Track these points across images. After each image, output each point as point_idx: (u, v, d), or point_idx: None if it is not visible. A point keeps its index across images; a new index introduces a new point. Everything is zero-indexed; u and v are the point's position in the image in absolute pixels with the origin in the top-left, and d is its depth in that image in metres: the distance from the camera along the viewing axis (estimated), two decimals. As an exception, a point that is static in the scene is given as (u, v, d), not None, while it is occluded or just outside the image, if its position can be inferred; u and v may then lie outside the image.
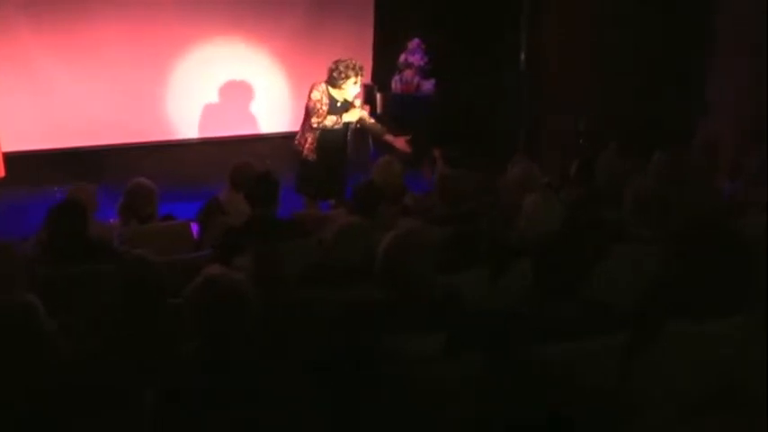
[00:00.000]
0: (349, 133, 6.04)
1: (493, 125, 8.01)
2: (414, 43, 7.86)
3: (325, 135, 5.89)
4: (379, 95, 7.88)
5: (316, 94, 5.83)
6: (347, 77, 5.77)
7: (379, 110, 7.77)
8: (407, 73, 7.90)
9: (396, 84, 7.94)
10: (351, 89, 5.83)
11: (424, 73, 7.92)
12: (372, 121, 6.12)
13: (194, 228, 4.98)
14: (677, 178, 4.60)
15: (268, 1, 7.74)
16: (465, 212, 4.36)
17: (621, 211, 4.04)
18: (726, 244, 2.75)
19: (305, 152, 5.93)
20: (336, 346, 2.44)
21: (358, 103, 5.96)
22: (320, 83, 5.86)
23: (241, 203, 4.68)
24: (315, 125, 5.84)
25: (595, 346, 2.64)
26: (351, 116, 5.89)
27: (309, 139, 5.91)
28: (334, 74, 5.78)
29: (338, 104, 5.87)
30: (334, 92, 5.85)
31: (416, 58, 7.90)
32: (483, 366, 2.47)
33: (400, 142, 5.95)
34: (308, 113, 5.89)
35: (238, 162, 5.21)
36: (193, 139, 7.77)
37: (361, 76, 5.88)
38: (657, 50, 7.01)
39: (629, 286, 3.09)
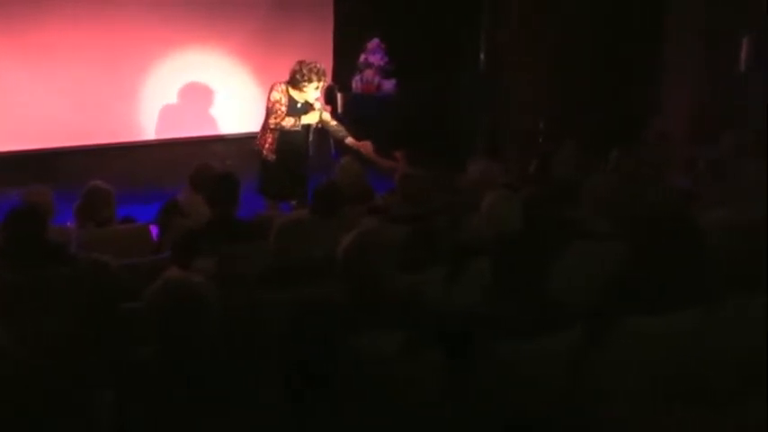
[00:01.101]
0: (311, 135, 6.02)
1: (454, 125, 8.05)
2: (373, 43, 7.88)
3: (285, 136, 5.87)
4: (339, 95, 7.88)
5: (275, 95, 5.80)
6: (309, 81, 5.74)
7: (339, 110, 7.77)
8: (368, 73, 7.90)
9: (356, 84, 7.95)
10: (312, 92, 5.81)
11: (385, 73, 7.94)
12: (335, 123, 6.09)
13: (153, 230, 4.94)
14: (634, 175, 4.67)
15: (228, 1, 7.69)
16: (425, 212, 4.38)
17: (580, 209, 4.09)
18: (684, 238, 2.80)
19: (265, 152, 5.91)
20: (297, 346, 2.44)
21: (318, 105, 5.93)
22: (280, 83, 5.83)
23: (201, 205, 4.65)
24: (272, 126, 5.82)
25: (555, 344, 2.67)
26: (310, 118, 5.87)
27: (269, 140, 5.89)
28: (297, 75, 5.75)
29: (298, 105, 5.85)
30: (294, 93, 5.82)
31: (377, 58, 7.91)
32: (443, 365, 2.48)
33: (362, 146, 5.94)
34: (267, 114, 5.86)
35: (198, 163, 5.18)
36: (152, 141, 7.69)
37: (324, 81, 5.86)
38: (614, 51, 7.11)
39: (588, 283, 3.13)
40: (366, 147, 5.92)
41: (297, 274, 3.24)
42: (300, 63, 5.77)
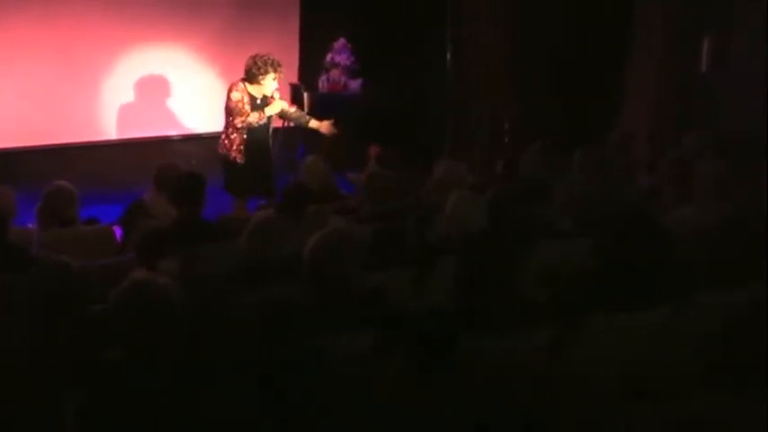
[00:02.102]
0: (271, 126, 6.02)
1: (420, 124, 8.07)
2: (339, 43, 7.86)
3: (251, 134, 5.85)
4: (306, 95, 7.84)
5: (236, 95, 5.78)
6: (266, 73, 5.75)
7: (306, 109, 7.74)
8: (334, 72, 7.88)
9: (323, 83, 7.92)
10: (270, 84, 5.82)
11: (351, 72, 7.92)
12: (294, 109, 6.16)
13: (118, 231, 4.88)
14: (599, 174, 4.71)
15: (194, 0, 7.63)
16: (392, 211, 4.38)
17: (546, 208, 4.11)
18: (649, 237, 2.83)
19: (233, 154, 5.88)
20: (264, 347, 2.42)
21: (277, 96, 5.95)
22: (238, 82, 5.82)
23: (166, 205, 4.61)
24: (240, 125, 5.80)
25: (526, 342, 2.68)
26: (272, 109, 5.90)
27: (237, 141, 5.86)
28: (254, 70, 5.75)
29: (258, 101, 5.85)
30: (252, 89, 5.81)
31: (343, 58, 7.89)
32: (411, 365, 2.48)
33: (325, 127, 6.01)
34: (231, 115, 5.83)
35: (163, 163, 5.13)
36: (115, 141, 7.60)
37: (280, 72, 5.85)
38: (579, 51, 7.18)
39: (557, 282, 3.15)
40: (326, 127, 5.99)
41: (268, 273, 3.23)
42: (254, 57, 5.77)
